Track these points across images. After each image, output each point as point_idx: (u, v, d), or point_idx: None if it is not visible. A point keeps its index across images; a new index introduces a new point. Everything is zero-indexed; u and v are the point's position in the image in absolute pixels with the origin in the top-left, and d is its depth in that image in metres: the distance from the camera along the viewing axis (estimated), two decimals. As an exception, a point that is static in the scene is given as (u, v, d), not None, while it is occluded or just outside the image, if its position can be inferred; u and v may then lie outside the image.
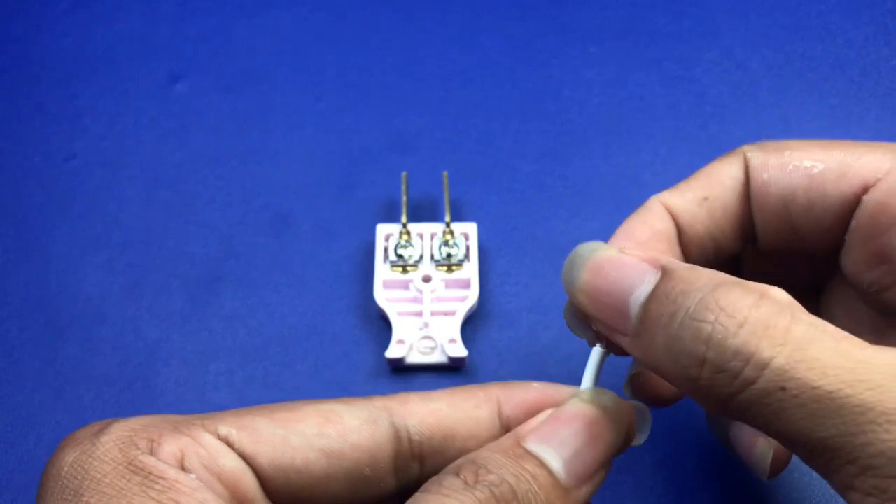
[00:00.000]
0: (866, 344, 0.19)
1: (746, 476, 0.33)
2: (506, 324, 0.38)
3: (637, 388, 0.28)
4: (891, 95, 0.45)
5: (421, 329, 0.37)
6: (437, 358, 0.36)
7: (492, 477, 0.20)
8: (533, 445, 0.21)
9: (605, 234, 0.27)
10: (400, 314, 0.37)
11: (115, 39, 0.48)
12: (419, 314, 0.37)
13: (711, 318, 0.19)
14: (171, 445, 0.20)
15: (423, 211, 0.41)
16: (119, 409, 0.36)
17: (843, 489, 0.19)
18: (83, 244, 0.40)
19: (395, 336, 0.36)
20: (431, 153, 0.43)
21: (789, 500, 0.33)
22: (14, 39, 0.48)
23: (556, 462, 0.21)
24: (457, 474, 0.20)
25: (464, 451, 0.23)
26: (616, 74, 0.46)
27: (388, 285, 0.38)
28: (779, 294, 0.20)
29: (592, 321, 0.23)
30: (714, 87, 0.45)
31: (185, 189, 0.42)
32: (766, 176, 0.25)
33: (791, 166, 0.25)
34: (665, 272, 0.21)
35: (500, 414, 0.24)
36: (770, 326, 0.19)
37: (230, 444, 0.21)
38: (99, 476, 0.19)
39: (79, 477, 0.19)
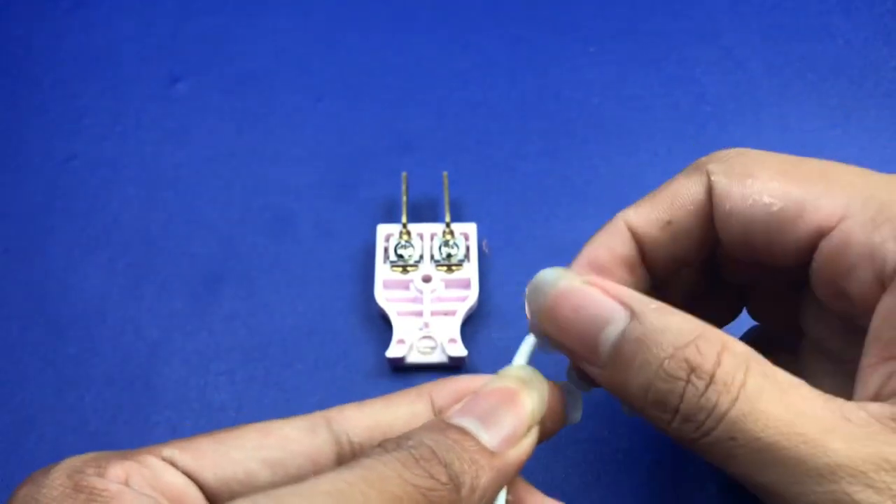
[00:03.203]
0: (812, 394, 0.21)
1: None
2: (506, 324, 0.38)
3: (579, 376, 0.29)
4: (890, 95, 0.45)
5: (421, 329, 0.37)
6: (437, 358, 0.36)
7: (411, 442, 0.21)
8: (455, 418, 0.22)
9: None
10: (400, 314, 0.37)
11: (115, 39, 0.48)
12: (419, 314, 0.37)
13: (684, 375, 0.21)
14: (117, 469, 0.21)
15: (423, 211, 0.41)
16: (119, 409, 0.36)
17: None
18: (83, 244, 0.40)
19: (396, 336, 0.36)
20: (431, 153, 0.43)
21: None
22: (14, 39, 0.48)
23: (477, 428, 0.22)
24: (379, 445, 0.21)
25: None
26: (616, 74, 0.46)
27: (388, 285, 0.38)
28: (737, 347, 0.22)
29: (557, 346, 0.25)
30: (714, 87, 0.45)
31: (185, 189, 0.42)
32: (727, 207, 0.25)
33: (751, 200, 0.25)
34: (634, 313, 0.23)
35: (433, 406, 0.25)
36: (729, 382, 0.21)
37: (173, 464, 0.22)
38: (46, 501, 0.20)
39: None
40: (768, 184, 0.25)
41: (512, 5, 0.49)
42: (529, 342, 0.26)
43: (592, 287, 0.23)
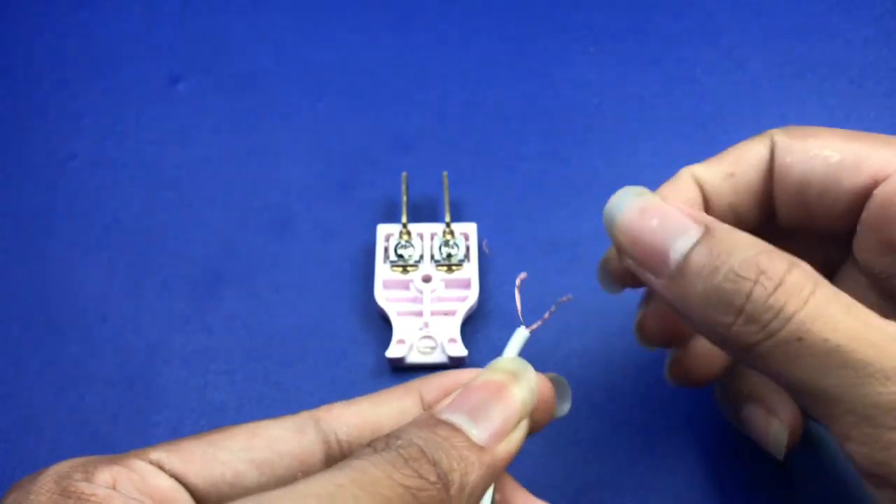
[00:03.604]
0: (875, 314, 0.22)
1: (744, 473, 0.33)
2: (506, 324, 0.38)
3: (675, 372, 0.31)
4: (891, 95, 0.45)
5: (421, 329, 0.37)
6: (437, 358, 0.36)
7: (400, 441, 0.21)
8: (445, 414, 0.22)
9: (605, 235, 0.27)
10: (400, 314, 0.37)
11: (115, 39, 0.48)
12: (419, 314, 0.37)
13: (753, 276, 0.22)
14: (104, 474, 0.21)
15: (423, 211, 0.41)
16: (119, 409, 0.36)
17: (841, 438, 0.22)
18: (83, 244, 0.40)
19: (396, 336, 0.36)
20: (431, 153, 0.43)
21: (784, 498, 0.33)
22: (14, 39, 0.48)
23: (467, 423, 0.22)
24: (369, 445, 0.21)
25: None
26: (616, 74, 0.46)
27: (388, 285, 0.38)
28: (806, 265, 0.23)
29: (625, 258, 0.25)
30: (714, 87, 0.45)
31: (185, 189, 0.42)
32: (788, 160, 0.27)
33: (812, 153, 0.27)
34: (708, 230, 0.23)
35: (422, 402, 0.25)
36: (798, 289, 0.22)
37: (161, 467, 0.22)
38: None
39: None
40: (829, 140, 0.27)
41: (512, 5, 0.49)
42: (520, 335, 0.26)
43: (670, 204, 0.25)
